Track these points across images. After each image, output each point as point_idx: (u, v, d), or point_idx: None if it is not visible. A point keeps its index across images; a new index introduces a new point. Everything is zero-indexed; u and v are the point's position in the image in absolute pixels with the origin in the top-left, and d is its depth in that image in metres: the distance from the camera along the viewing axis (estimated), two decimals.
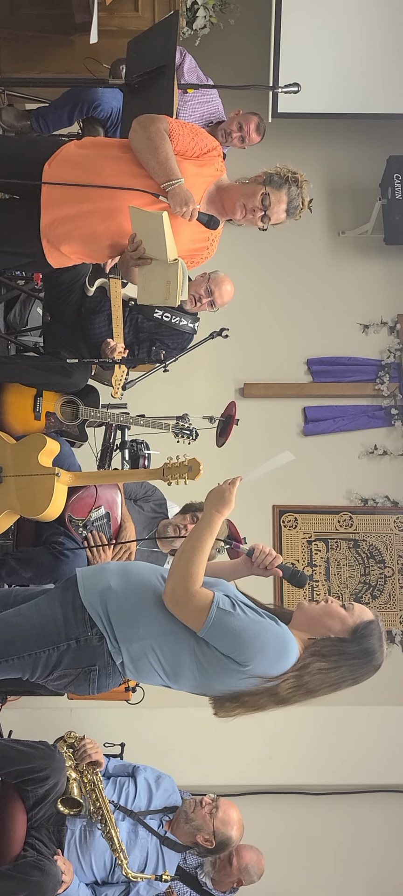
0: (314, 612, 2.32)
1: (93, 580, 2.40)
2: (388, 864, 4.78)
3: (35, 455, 3.14)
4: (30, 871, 3.16)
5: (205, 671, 2.27)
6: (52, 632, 2.36)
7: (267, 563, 2.45)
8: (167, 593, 2.27)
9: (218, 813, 3.58)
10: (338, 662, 2.25)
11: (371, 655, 2.27)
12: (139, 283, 2.79)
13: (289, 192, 2.77)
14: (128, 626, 2.31)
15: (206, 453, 3.27)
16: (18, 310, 4.48)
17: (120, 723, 4.21)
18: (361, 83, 5.48)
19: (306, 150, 5.65)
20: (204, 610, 2.21)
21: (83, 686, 2.39)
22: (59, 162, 2.73)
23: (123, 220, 2.69)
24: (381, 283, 5.89)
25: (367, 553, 5.44)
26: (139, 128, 2.69)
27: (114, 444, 3.84)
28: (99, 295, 3.76)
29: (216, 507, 2.34)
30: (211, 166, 2.81)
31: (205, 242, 2.87)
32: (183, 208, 2.62)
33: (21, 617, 2.42)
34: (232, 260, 5.24)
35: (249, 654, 2.19)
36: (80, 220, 2.71)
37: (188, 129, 2.77)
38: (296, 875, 4.66)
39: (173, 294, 2.66)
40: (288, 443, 5.51)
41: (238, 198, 2.78)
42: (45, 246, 2.77)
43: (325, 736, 4.71)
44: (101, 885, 3.49)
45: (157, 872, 3.46)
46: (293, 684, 2.21)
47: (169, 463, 2.99)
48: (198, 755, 4.40)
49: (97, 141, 2.90)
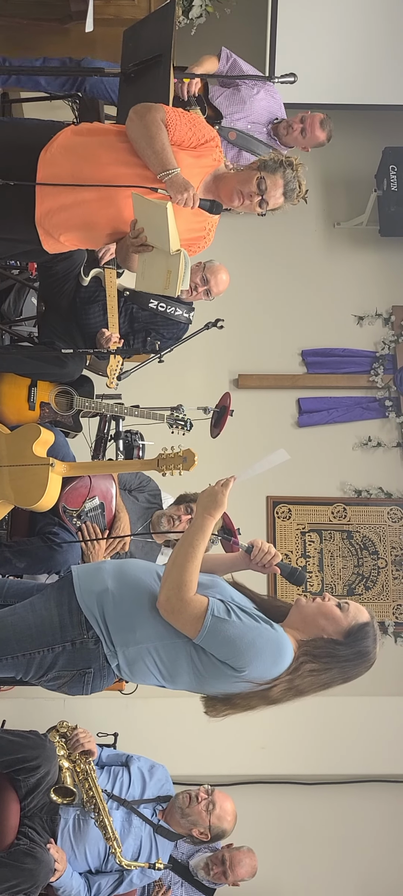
0: (309, 611, 2.31)
1: (89, 581, 2.38)
2: (381, 853, 4.81)
3: (29, 445, 3.14)
4: (22, 858, 3.17)
5: (201, 675, 2.27)
6: (48, 633, 2.34)
7: (266, 562, 2.43)
8: (161, 602, 2.25)
9: (215, 809, 3.60)
10: (329, 664, 2.25)
11: (365, 657, 2.28)
12: (138, 270, 2.75)
13: (285, 174, 2.76)
14: (124, 630, 2.30)
15: (201, 444, 3.28)
16: (13, 299, 4.46)
17: (113, 712, 4.22)
18: (357, 74, 5.47)
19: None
20: (199, 618, 2.20)
21: (77, 687, 2.38)
22: (55, 149, 2.70)
23: (123, 206, 2.67)
24: (376, 274, 5.90)
25: (361, 544, 5.46)
26: (135, 117, 2.67)
27: (108, 434, 3.83)
28: (94, 285, 3.75)
29: (208, 510, 2.31)
30: (208, 157, 2.79)
31: (203, 231, 2.86)
32: (183, 195, 2.58)
33: (16, 616, 2.40)
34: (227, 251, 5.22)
35: (245, 661, 2.19)
36: (78, 209, 2.69)
37: (185, 119, 2.75)
38: (289, 865, 4.68)
39: (173, 284, 2.63)
40: (282, 434, 5.53)
41: (234, 185, 2.77)
42: (41, 233, 2.75)
43: (318, 726, 4.72)
44: (95, 874, 3.51)
45: (151, 861, 3.47)
46: (285, 687, 2.22)
47: (163, 453, 2.99)
48: (191, 745, 4.41)
49: (94, 128, 2.87)
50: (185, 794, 3.65)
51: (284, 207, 2.84)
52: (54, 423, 3.65)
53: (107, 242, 2.90)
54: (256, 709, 2.27)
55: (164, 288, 2.67)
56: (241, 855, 3.75)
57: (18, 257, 3.78)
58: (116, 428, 3.79)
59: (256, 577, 2.53)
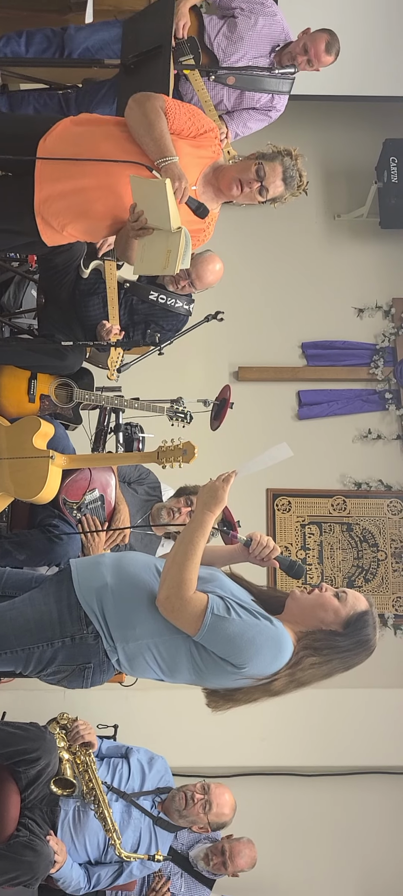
0: (306, 603, 2.30)
1: (88, 576, 2.37)
2: (381, 845, 4.82)
3: (29, 438, 3.14)
4: (22, 850, 3.18)
5: (201, 671, 2.27)
6: (47, 628, 2.34)
7: (265, 556, 2.41)
8: (161, 601, 2.24)
9: (211, 809, 3.62)
10: (330, 656, 2.25)
11: (365, 644, 2.27)
12: (136, 255, 2.72)
13: (283, 162, 2.75)
14: (124, 626, 2.29)
15: (201, 437, 3.27)
16: (12, 292, 4.45)
17: (113, 704, 4.23)
18: (357, 65, 5.44)
19: (302, 133, 5.61)
20: (198, 616, 2.19)
21: (77, 681, 2.38)
22: (54, 138, 2.70)
23: (123, 193, 2.66)
24: (376, 266, 5.89)
25: (360, 537, 5.46)
26: (135, 105, 2.67)
27: (108, 426, 3.83)
28: (94, 277, 3.74)
29: (208, 506, 2.30)
30: (207, 148, 2.79)
31: (202, 225, 2.85)
32: (175, 184, 2.56)
33: (14, 611, 2.39)
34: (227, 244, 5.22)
35: (245, 658, 2.18)
36: (77, 196, 2.68)
37: (185, 109, 2.75)
38: (289, 857, 4.70)
39: (173, 262, 2.58)
40: (282, 426, 5.53)
41: (233, 174, 2.76)
42: (40, 223, 2.74)
43: (318, 718, 4.73)
44: (95, 865, 3.52)
45: (150, 852, 3.48)
46: (286, 681, 2.22)
47: (163, 446, 2.99)
48: (191, 737, 4.42)
49: (93, 118, 2.87)
50: (181, 795, 3.64)
51: (285, 197, 2.83)
52: (54, 415, 3.64)
53: (107, 234, 2.89)
54: (258, 701, 2.27)
55: (163, 268, 2.62)
56: (241, 846, 3.76)
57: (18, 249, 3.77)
58: (116, 420, 3.79)
59: (255, 568, 2.53)
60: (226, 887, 4.04)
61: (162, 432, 3.27)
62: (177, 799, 3.63)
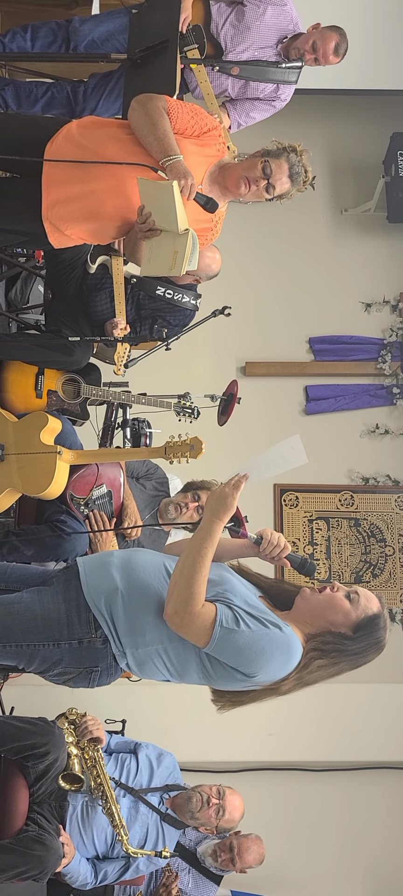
0: (316, 604, 2.26)
1: (97, 578, 2.34)
2: (388, 839, 4.82)
3: (37, 433, 3.14)
4: (31, 845, 3.19)
5: (211, 677, 2.25)
6: (54, 627, 2.31)
7: (275, 555, 2.38)
8: (169, 615, 2.19)
9: (224, 815, 3.63)
10: (338, 659, 2.22)
11: (375, 646, 2.25)
12: (144, 256, 2.73)
13: (289, 158, 2.76)
14: (134, 632, 2.26)
15: (208, 432, 3.27)
16: (20, 287, 4.46)
17: (121, 699, 4.23)
18: (364, 59, 5.41)
19: (309, 127, 5.61)
20: (207, 630, 2.15)
21: (83, 682, 2.36)
22: (61, 141, 2.71)
23: (131, 194, 2.67)
24: (384, 261, 5.87)
25: (368, 532, 5.45)
26: (137, 106, 2.68)
27: (115, 422, 3.82)
28: (100, 272, 3.74)
29: (217, 514, 2.24)
30: (212, 147, 2.79)
31: (209, 223, 2.85)
32: (181, 182, 2.57)
33: (22, 605, 2.36)
34: (234, 239, 5.23)
35: (255, 668, 2.16)
36: (85, 200, 2.69)
37: (187, 108, 2.76)
38: (296, 852, 4.70)
39: (179, 264, 2.59)
40: (289, 422, 5.52)
41: (239, 173, 2.77)
42: (47, 227, 2.75)
43: (325, 713, 4.73)
44: (102, 860, 3.53)
45: (157, 848, 3.49)
46: (294, 683, 2.20)
47: (171, 441, 2.99)
48: (199, 732, 4.42)
49: (98, 121, 2.88)
50: (198, 796, 3.64)
51: (291, 193, 2.83)
52: (61, 411, 3.64)
53: (115, 236, 2.89)
54: (265, 701, 2.26)
55: (170, 268, 2.63)
56: (249, 842, 3.77)
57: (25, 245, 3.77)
58: (123, 416, 3.79)
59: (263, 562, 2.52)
60: (234, 882, 4.04)
61: (169, 428, 3.26)
62: (195, 800, 3.63)
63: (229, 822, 3.67)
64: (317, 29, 3.87)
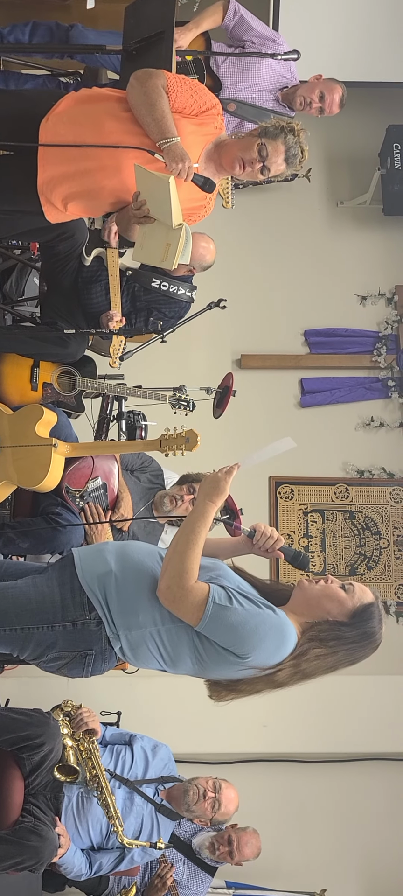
0: (313, 593, 2.28)
1: (91, 562, 2.36)
2: (382, 831, 4.84)
3: (32, 426, 3.14)
4: (27, 836, 3.19)
5: (203, 661, 2.26)
6: (48, 610, 2.32)
7: (269, 547, 2.40)
8: (162, 590, 2.23)
9: (220, 808, 3.64)
10: (336, 647, 2.23)
11: (370, 638, 2.27)
12: (137, 241, 2.73)
13: (286, 140, 2.73)
14: (127, 613, 2.28)
15: (203, 424, 3.27)
16: (15, 279, 4.44)
17: (116, 691, 4.24)
18: (361, 51, 5.42)
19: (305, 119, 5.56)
20: (200, 606, 2.18)
21: (77, 669, 2.36)
22: (56, 117, 2.67)
23: (126, 177, 2.65)
24: (379, 254, 5.87)
25: (363, 524, 5.46)
26: (136, 83, 2.64)
27: (111, 414, 3.83)
28: (96, 264, 3.73)
29: (210, 496, 2.28)
30: (210, 125, 2.76)
31: (203, 201, 2.84)
32: (178, 165, 2.55)
33: (16, 589, 2.37)
34: (229, 231, 5.22)
35: (248, 648, 2.17)
36: (81, 178, 2.67)
37: (187, 85, 2.72)
38: (291, 843, 4.72)
39: (171, 257, 2.60)
40: (285, 414, 5.53)
41: (235, 153, 2.74)
42: (43, 202, 2.73)
43: (319, 705, 4.74)
44: (97, 851, 3.54)
45: (152, 839, 3.50)
46: (290, 672, 2.21)
47: (166, 434, 2.99)
48: (194, 724, 4.43)
49: (95, 95, 2.82)
50: (194, 789, 3.65)
51: (286, 174, 2.82)
52: (57, 403, 3.64)
53: (109, 211, 2.88)
54: (262, 692, 2.26)
55: (161, 260, 2.64)
56: (248, 836, 3.79)
57: (21, 237, 3.76)
58: (119, 408, 3.80)
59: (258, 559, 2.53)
60: (228, 873, 4.06)
61: (164, 420, 3.27)
62: (191, 793, 3.64)
63: (224, 814, 3.70)
64: (320, 80, 3.95)
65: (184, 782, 3.73)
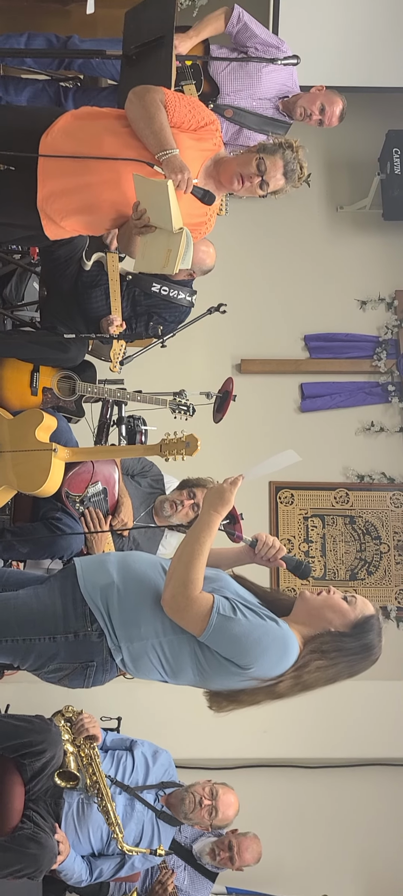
0: (315, 604, 2.29)
1: (93, 574, 2.36)
2: (381, 836, 4.83)
3: (32, 430, 3.14)
4: (26, 843, 3.18)
5: (205, 672, 2.26)
6: (50, 621, 2.32)
7: (271, 556, 2.40)
8: (166, 600, 2.23)
9: (217, 815, 3.63)
10: (337, 659, 2.24)
11: (370, 651, 2.27)
12: (138, 251, 2.74)
13: (284, 155, 2.75)
14: (129, 624, 2.28)
15: (203, 429, 3.26)
16: (14, 284, 4.45)
17: (117, 697, 4.22)
18: (360, 55, 5.43)
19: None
20: (204, 616, 2.18)
21: (78, 680, 2.36)
22: (56, 133, 2.69)
23: (127, 189, 2.66)
24: (379, 258, 5.87)
25: (363, 529, 5.46)
26: (134, 98, 2.66)
27: (111, 419, 3.83)
28: (96, 269, 3.74)
29: (215, 507, 2.29)
30: (208, 141, 2.77)
31: (203, 217, 2.85)
32: (178, 176, 2.55)
33: (19, 600, 2.38)
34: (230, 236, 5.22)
35: (250, 659, 2.17)
36: (81, 193, 2.68)
37: (185, 101, 2.74)
38: (290, 848, 4.71)
39: (172, 262, 2.60)
40: (285, 419, 5.52)
41: (234, 168, 2.76)
42: (43, 218, 2.74)
43: (319, 710, 4.72)
44: (97, 858, 3.53)
45: (153, 846, 3.49)
46: (291, 683, 2.21)
47: (166, 439, 2.99)
48: (195, 729, 4.41)
49: (94, 112, 2.86)
50: (190, 797, 3.63)
51: (286, 190, 2.82)
52: (57, 408, 3.64)
53: (110, 228, 2.89)
54: (261, 703, 2.26)
55: (163, 266, 2.63)
56: (248, 841, 3.79)
57: (20, 241, 3.76)
58: (119, 413, 3.79)
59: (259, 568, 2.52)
60: (228, 878, 4.05)
61: (164, 425, 3.26)
62: (187, 802, 3.62)
63: (223, 820, 3.68)
64: (322, 91, 3.92)
65: (180, 790, 3.72)
